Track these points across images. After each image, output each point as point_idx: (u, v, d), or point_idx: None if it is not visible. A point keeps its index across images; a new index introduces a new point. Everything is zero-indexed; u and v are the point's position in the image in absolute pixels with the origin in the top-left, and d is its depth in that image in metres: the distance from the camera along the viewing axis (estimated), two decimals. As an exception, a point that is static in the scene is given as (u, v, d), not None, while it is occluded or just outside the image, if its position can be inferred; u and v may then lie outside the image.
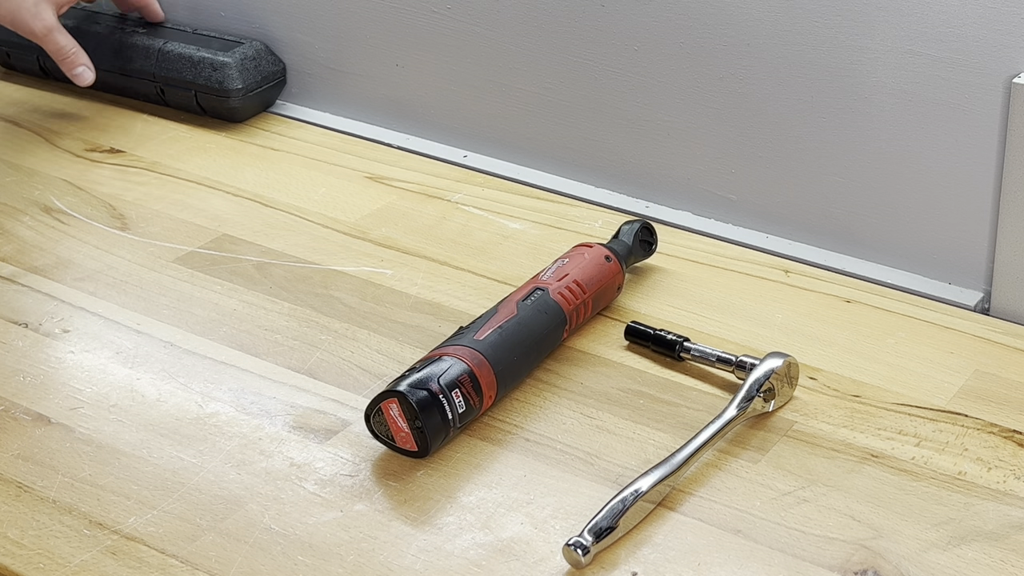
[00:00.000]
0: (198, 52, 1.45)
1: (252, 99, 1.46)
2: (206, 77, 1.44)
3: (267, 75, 1.47)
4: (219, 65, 1.44)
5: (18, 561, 0.89)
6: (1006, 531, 0.89)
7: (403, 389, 0.95)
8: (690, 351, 1.06)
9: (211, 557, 0.89)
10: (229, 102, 1.44)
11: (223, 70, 1.43)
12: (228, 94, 1.44)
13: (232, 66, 1.44)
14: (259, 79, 1.46)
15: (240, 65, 1.44)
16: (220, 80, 1.44)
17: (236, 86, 1.43)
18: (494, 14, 1.34)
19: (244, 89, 1.44)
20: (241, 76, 1.44)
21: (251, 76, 1.45)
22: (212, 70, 1.44)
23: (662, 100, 1.27)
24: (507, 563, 0.88)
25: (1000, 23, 1.07)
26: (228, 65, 1.44)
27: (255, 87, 1.46)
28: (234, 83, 1.43)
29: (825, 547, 0.89)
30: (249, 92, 1.45)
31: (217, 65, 1.44)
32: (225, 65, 1.44)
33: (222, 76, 1.44)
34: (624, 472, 0.95)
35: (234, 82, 1.43)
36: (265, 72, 1.47)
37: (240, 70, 1.44)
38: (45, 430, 1.00)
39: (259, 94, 1.47)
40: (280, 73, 1.49)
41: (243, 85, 1.44)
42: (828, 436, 0.98)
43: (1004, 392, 1.02)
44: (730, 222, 1.28)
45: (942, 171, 1.15)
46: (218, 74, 1.44)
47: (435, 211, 1.29)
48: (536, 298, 1.05)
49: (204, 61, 1.44)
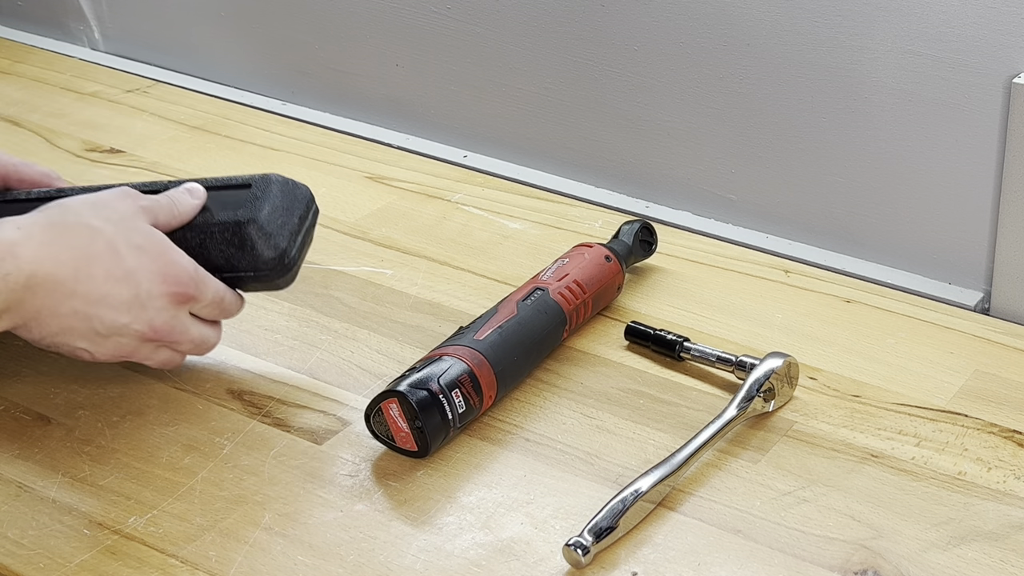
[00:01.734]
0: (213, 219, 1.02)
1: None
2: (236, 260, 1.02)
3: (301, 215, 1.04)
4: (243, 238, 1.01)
5: (18, 561, 0.89)
6: (1006, 531, 0.89)
7: (403, 389, 0.95)
8: (690, 351, 1.06)
9: (211, 557, 0.89)
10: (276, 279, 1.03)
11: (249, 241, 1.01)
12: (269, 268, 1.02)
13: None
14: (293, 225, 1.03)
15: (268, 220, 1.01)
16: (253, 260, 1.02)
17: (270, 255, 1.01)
18: (494, 14, 1.34)
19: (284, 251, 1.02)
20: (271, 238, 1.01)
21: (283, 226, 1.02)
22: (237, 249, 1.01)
23: (662, 100, 1.27)
24: (507, 563, 0.88)
25: (1000, 23, 1.07)
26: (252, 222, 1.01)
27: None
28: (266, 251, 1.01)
29: (825, 547, 0.89)
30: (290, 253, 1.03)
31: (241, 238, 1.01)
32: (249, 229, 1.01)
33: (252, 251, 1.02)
34: (624, 472, 0.95)
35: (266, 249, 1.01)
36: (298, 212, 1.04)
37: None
38: (45, 430, 1.00)
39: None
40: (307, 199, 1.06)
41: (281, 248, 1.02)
42: (828, 436, 0.98)
43: (1004, 392, 1.02)
44: (730, 222, 1.28)
45: (942, 171, 1.15)
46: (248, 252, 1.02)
47: (435, 211, 1.29)
48: (536, 298, 1.05)
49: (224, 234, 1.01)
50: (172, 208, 1.00)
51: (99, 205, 0.97)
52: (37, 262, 0.91)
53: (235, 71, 1.58)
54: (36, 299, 0.91)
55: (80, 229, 0.94)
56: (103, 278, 0.93)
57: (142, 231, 0.96)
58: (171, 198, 1.00)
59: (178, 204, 1.00)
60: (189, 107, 1.51)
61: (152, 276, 0.95)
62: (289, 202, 1.03)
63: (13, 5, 1.75)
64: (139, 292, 0.94)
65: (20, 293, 0.90)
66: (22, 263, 0.90)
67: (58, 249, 0.92)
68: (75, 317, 0.93)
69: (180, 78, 1.60)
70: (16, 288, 0.90)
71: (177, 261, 0.97)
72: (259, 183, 1.03)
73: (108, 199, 0.98)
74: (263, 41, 1.54)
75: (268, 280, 1.02)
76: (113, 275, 0.94)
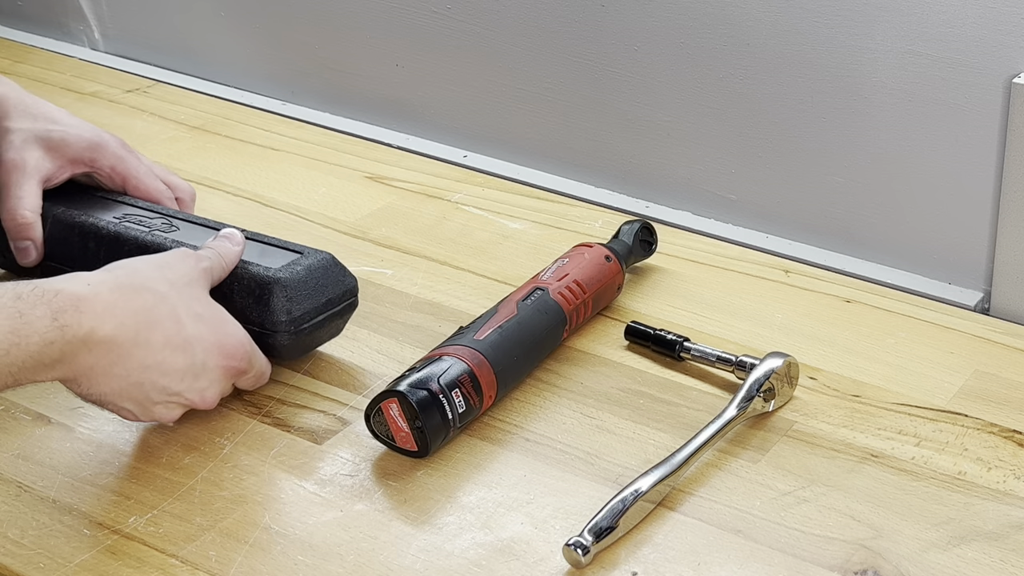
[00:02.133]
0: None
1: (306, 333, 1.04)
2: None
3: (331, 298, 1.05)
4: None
5: (18, 561, 0.89)
6: (1006, 531, 0.89)
7: (403, 389, 0.95)
8: (690, 351, 1.06)
9: (211, 557, 0.89)
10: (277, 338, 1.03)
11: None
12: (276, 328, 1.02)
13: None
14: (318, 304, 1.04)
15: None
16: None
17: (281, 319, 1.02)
18: (494, 14, 1.34)
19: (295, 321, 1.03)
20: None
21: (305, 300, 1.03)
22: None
23: (662, 100, 1.27)
24: (507, 563, 0.88)
25: (1000, 23, 1.07)
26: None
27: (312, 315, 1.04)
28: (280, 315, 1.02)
29: (825, 547, 0.89)
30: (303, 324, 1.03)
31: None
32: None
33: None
34: (624, 472, 0.95)
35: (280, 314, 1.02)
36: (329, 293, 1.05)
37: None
38: (45, 430, 1.00)
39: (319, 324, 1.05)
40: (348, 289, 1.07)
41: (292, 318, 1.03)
42: (828, 436, 0.98)
43: (1004, 392, 1.02)
44: (730, 222, 1.28)
45: (942, 171, 1.15)
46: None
47: (435, 211, 1.29)
48: (536, 298, 1.05)
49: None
50: (222, 262, 1.01)
51: (164, 267, 0.97)
52: (99, 320, 0.90)
53: (235, 71, 1.58)
54: (91, 356, 0.90)
55: (145, 293, 0.94)
56: (161, 344, 0.93)
57: (202, 300, 0.97)
58: (219, 253, 1.02)
59: (225, 257, 1.02)
60: (189, 107, 1.51)
61: (209, 347, 0.95)
62: (326, 282, 1.04)
63: (13, 5, 1.75)
64: (194, 362, 0.95)
65: (76, 347, 0.89)
66: (84, 319, 0.89)
67: (122, 312, 0.92)
68: (127, 380, 0.92)
69: (180, 78, 1.60)
70: (73, 341, 0.89)
71: (233, 334, 0.98)
72: (309, 254, 1.05)
73: (172, 261, 0.98)
74: (263, 41, 1.54)
75: (270, 340, 1.02)
76: (172, 342, 0.93)
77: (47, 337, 0.87)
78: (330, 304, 1.04)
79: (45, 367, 0.88)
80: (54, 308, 0.88)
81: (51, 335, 0.87)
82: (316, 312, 1.03)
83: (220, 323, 0.97)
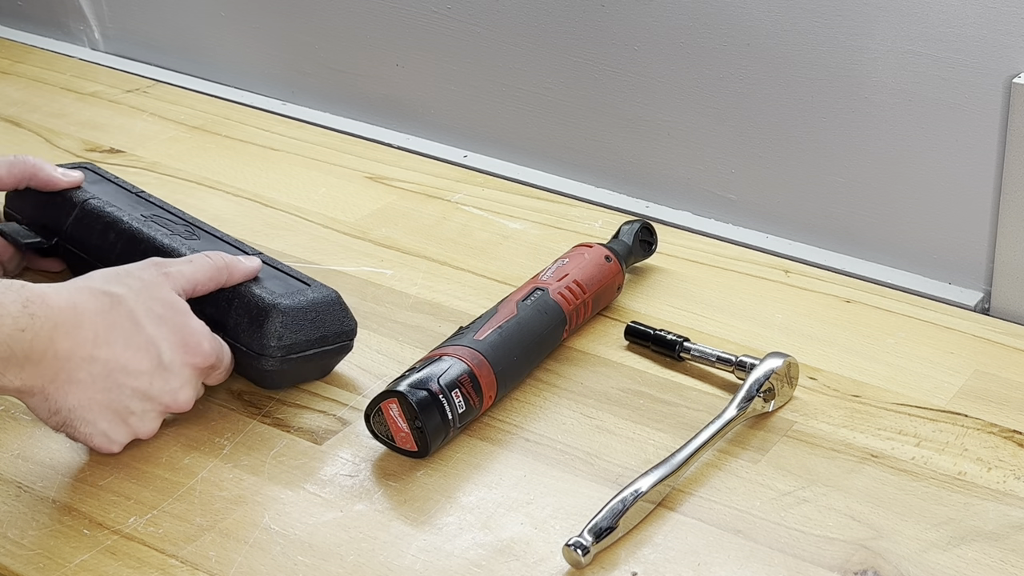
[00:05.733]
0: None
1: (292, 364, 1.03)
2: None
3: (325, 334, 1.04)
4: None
5: (18, 561, 0.89)
6: (1006, 531, 0.89)
7: (403, 389, 0.95)
8: (690, 351, 1.06)
9: (211, 557, 0.89)
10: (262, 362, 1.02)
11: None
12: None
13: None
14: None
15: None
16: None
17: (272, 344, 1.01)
18: (494, 14, 1.34)
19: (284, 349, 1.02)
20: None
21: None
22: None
23: (662, 100, 1.27)
24: (507, 563, 0.88)
25: (1000, 23, 1.07)
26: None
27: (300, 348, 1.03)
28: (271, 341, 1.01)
29: (825, 547, 0.89)
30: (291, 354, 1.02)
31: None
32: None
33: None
34: (624, 472, 0.95)
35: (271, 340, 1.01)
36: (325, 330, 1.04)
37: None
38: (45, 430, 1.00)
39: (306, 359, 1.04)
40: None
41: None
42: (828, 436, 0.98)
43: (1004, 392, 1.02)
44: (730, 222, 1.28)
45: (942, 171, 1.15)
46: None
47: (435, 211, 1.29)
48: (536, 298, 1.05)
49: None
50: (195, 270, 0.99)
51: (122, 274, 0.96)
52: (63, 316, 0.90)
53: (235, 71, 1.58)
54: (57, 360, 0.90)
55: (101, 297, 0.93)
56: (122, 346, 0.93)
57: (164, 301, 0.96)
58: (197, 262, 1.00)
59: (205, 268, 1.00)
60: (189, 107, 1.51)
61: (174, 346, 0.95)
62: (325, 321, 1.03)
63: (13, 5, 1.75)
64: (160, 362, 0.94)
65: (44, 344, 0.89)
66: (50, 312, 0.89)
67: (81, 312, 0.91)
68: (93, 387, 0.92)
69: (180, 78, 1.60)
70: (41, 335, 0.89)
71: (198, 331, 0.96)
72: (316, 288, 1.04)
73: (132, 269, 0.98)
74: (263, 41, 1.54)
75: (256, 364, 1.01)
76: (132, 343, 0.93)
77: (19, 323, 0.87)
78: (324, 341, 1.03)
79: (15, 363, 0.88)
80: (22, 296, 0.88)
81: (23, 321, 0.87)
82: (308, 345, 1.02)
83: (183, 323, 0.96)
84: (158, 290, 0.96)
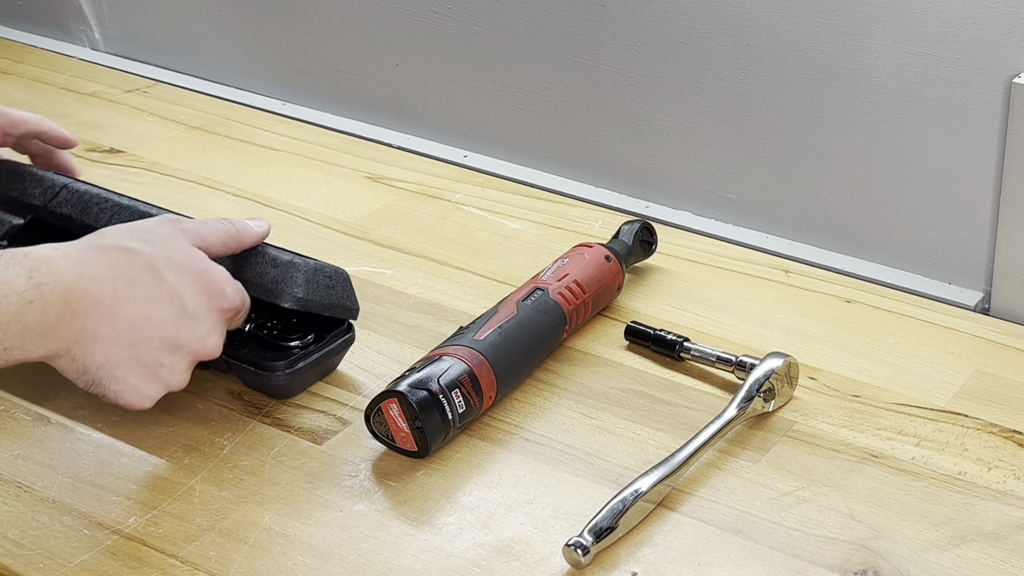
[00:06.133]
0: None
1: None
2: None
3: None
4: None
5: (18, 561, 0.89)
6: (1006, 531, 0.89)
7: (403, 389, 0.95)
8: (690, 351, 1.06)
9: (211, 557, 0.89)
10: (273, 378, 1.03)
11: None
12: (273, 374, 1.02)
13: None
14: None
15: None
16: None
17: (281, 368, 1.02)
18: (494, 14, 1.34)
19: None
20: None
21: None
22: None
23: (662, 100, 1.27)
24: (507, 563, 0.88)
25: (1000, 23, 1.07)
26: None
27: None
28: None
29: (825, 547, 0.89)
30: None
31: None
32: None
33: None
34: (624, 472, 0.95)
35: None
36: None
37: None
38: (45, 430, 1.00)
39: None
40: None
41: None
42: (828, 436, 0.98)
43: (1004, 392, 1.02)
44: (730, 222, 1.28)
45: (942, 171, 1.15)
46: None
47: (435, 211, 1.29)
48: (536, 298, 1.05)
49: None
50: (211, 230, 0.98)
51: (136, 229, 0.95)
52: (74, 278, 0.88)
53: (235, 71, 1.58)
54: (76, 319, 0.89)
55: (116, 252, 0.92)
56: (144, 298, 0.91)
57: (182, 251, 0.94)
58: (210, 223, 0.98)
59: (219, 231, 0.98)
60: (189, 107, 1.51)
61: (197, 294, 0.93)
62: (336, 289, 1.02)
63: (13, 5, 1.75)
64: (186, 310, 0.92)
65: (58, 308, 0.87)
66: (58, 276, 0.88)
67: (95, 269, 0.90)
68: (120, 342, 0.90)
69: (180, 78, 1.60)
70: (52, 301, 0.87)
71: (219, 277, 0.95)
72: (336, 270, 1.03)
73: (146, 224, 0.96)
74: (263, 41, 1.54)
75: (263, 379, 1.01)
76: (154, 295, 0.91)
77: (26, 296, 0.86)
78: (332, 308, 1.02)
79: (33, 334, 0.87)
80: (26, 267, 0.87)
81: (29, 294, 0.86)
82: (321, 308, 1.01)
83: (203, 270, 0.94)
84: (174, 241, 0.95)
